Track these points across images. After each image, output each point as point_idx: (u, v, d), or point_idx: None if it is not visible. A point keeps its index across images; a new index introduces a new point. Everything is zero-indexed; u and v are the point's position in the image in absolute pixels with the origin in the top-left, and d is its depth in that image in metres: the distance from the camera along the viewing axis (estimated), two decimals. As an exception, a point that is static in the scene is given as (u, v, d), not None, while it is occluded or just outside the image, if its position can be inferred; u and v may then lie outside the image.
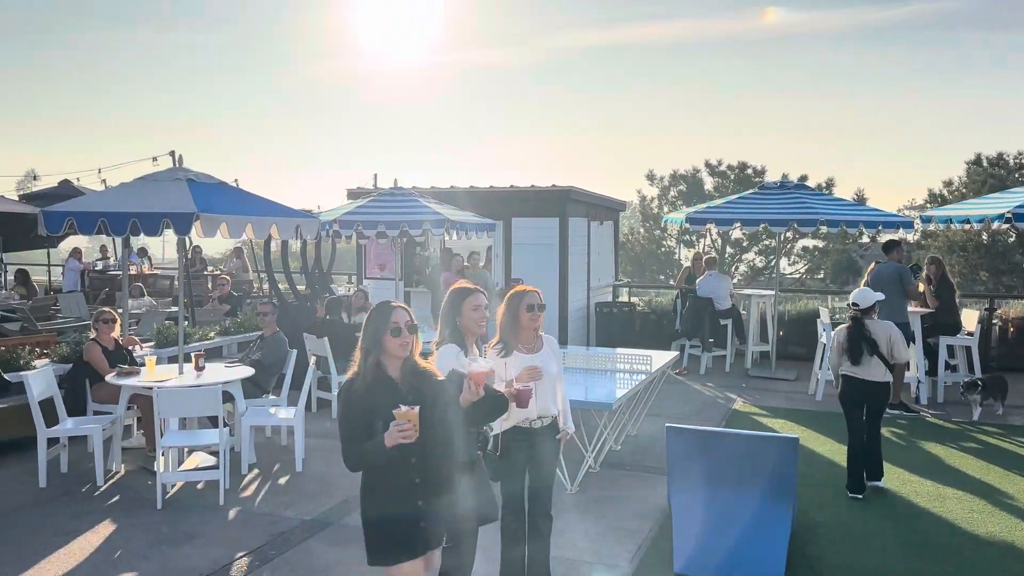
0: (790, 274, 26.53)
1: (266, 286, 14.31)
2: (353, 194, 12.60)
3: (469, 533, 3.94)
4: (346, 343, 9.00)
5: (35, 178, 16.75)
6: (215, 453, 6.88)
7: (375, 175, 12.43)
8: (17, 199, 15.90)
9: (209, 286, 14.16)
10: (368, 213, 9.55)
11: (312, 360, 7.82)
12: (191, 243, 14.68)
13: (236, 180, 9.84)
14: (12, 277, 15.94)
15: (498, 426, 4.39)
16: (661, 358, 7.76)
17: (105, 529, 5.55)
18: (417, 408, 3.05)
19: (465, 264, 11.08)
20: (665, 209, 27.57)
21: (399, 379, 3.24)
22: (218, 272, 15.82)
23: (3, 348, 8.34)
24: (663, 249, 28.27)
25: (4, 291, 14.74)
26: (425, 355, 3.54)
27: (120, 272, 15.30)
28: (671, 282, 23.91)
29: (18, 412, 6.77)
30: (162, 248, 34.12)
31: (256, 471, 6.86)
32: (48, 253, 18.98)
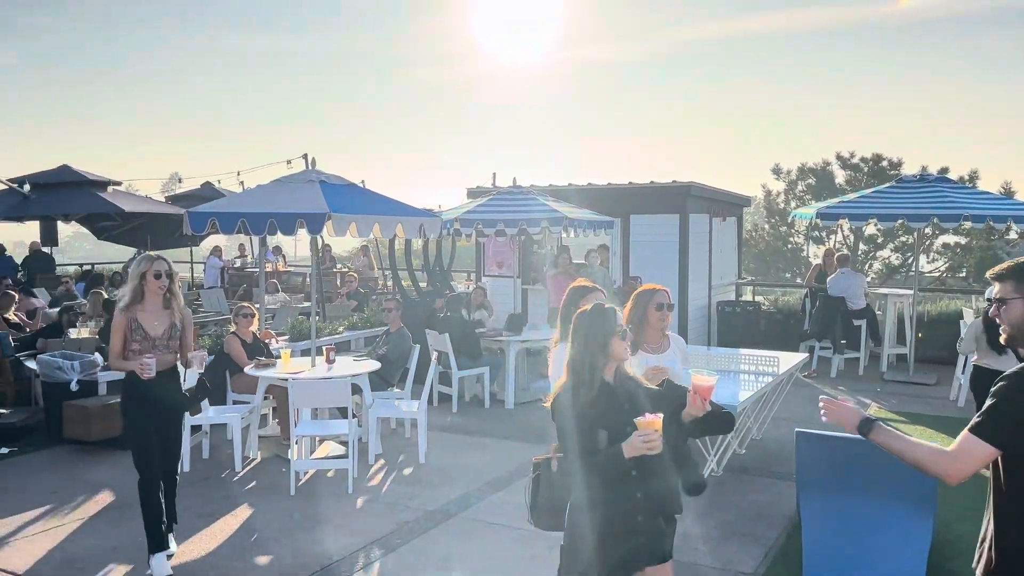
0: (929, 272, 25.00)
1: (390, 283, 14.79)
2: (473, 193, 12.82)
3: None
4: (466, 339, 9.19)
5: (180, 181, 18.04)
6: (344, 443, 7.18)
7: (494, 174, 12.58)
8: (164, 200, 17.10)
9: (338, 283, 14.77)
10: (487, 212, 9.71)
11: (434, 355, 8.03)
12: (322, 242, 15.35)
13: (363, 181, 10.22)
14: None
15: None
16: (789, 359, 7.49)
17: (243, 512, 5.90)
18: (661, 416, 2.84)
19: (579, 261, 11.06)
20: (792, 204, 26.56)
21: (615, 385, 3.07)
22: (346, 269, 16.47)
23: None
24: (789, 246, 27.24)
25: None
26: (537, 352, 3.51)
27: (257, 269, 16.22)
28: (798, 280, 23.01)
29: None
30: (294, 246, 35.81)
31: (382, 461, 7.11)
32: (191, 251, 20.33)
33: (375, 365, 7.47)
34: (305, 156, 14.66)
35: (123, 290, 4.91)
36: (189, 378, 5.40)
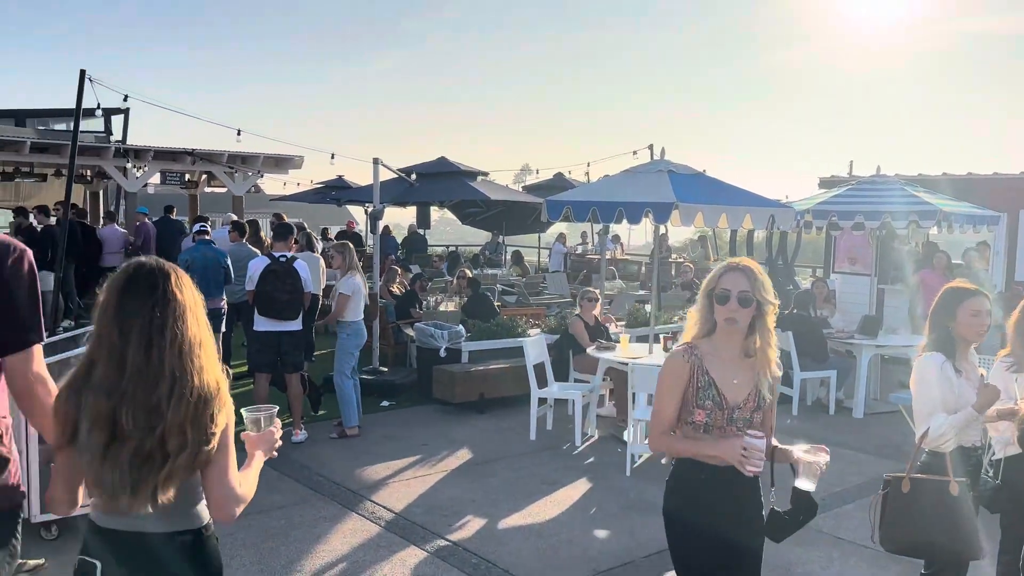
0: None
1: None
2: (826, 183, 12.05)
3: (951, 567, 3.53)
4: (811, 339, 8.69)
5: (536, 172, 19.45)
6: (678, 432, 7.23)
7: (850, 162, 11.71)
8: (520, 190, 18.55)
9: (672, 273, 14.85)
10: (845, 202, 9.05)
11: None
12: (665, 230, 15.49)
13: (704, 170, 10.16)
14: (510, 257, 18.75)
15: (1001, 450, 3.84)
16: None
17: (582, 485, 6.22)
18: None
19: (956, 262, 9.83)
20: None
21: None
22: (681, 259, 16.50)
23: (505, 316, 9.88)
24: None
25: (504, 269, 17.39)
26: (894, 359, 3.14)
27: (596, 256, 16.92)
28: None
29: (519, 373, 7.95)
30: (628, 235, 36.69)
31: (716, 456, 7.02)
32: (538, 237, 21.84)
33: (713, 357, 7.39)
34: (650, 147, 15.00)
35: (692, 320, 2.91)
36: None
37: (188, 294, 2.13)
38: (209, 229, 9.59)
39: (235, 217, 12.12)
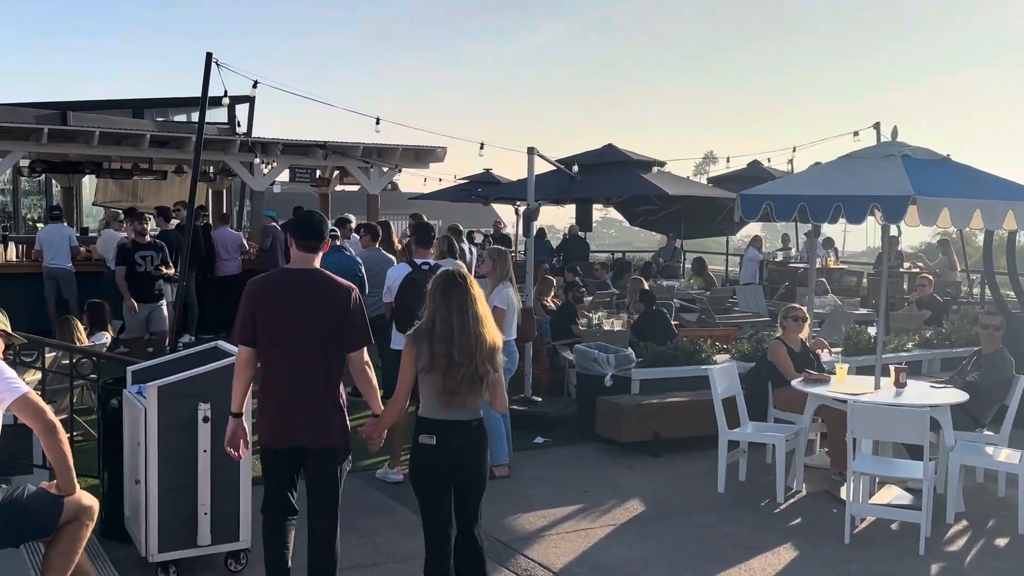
0: None
1: (978, 290, 13.62)
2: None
3: None
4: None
5: (727, 160, 18.91)
6: (911, 490, 6.84)
7: None
8: (705, 183, 18.24)
9: (904, 286, 14.13)
10: None
11: (1048, 392, 7.16)
12: (897, 232, 14.66)
13: (948, 155, 9.64)
14: (690, 266, 18.44)
15: None
16: None
17: (786, 553, 6.01)
18: None
19: None
20: None
21: None
22: (917, 269, 15.65)
23: (685, 338, 9.73)
24: None
25: (682, 280, 17.13)
26: None
27: (803, 265, 16.35)
28: None
29: (703, 409, 7.76)
30: (843, 239, 35.25)
31: (964, 523, 6.60)
32: (727, 241, 21.35)
33: (961, 396, 6.97)
34: (876, 126, 14.28)
35: None
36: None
37: (476, 289, 4.41)
38: (339, 232, 10.06)
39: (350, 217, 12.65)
